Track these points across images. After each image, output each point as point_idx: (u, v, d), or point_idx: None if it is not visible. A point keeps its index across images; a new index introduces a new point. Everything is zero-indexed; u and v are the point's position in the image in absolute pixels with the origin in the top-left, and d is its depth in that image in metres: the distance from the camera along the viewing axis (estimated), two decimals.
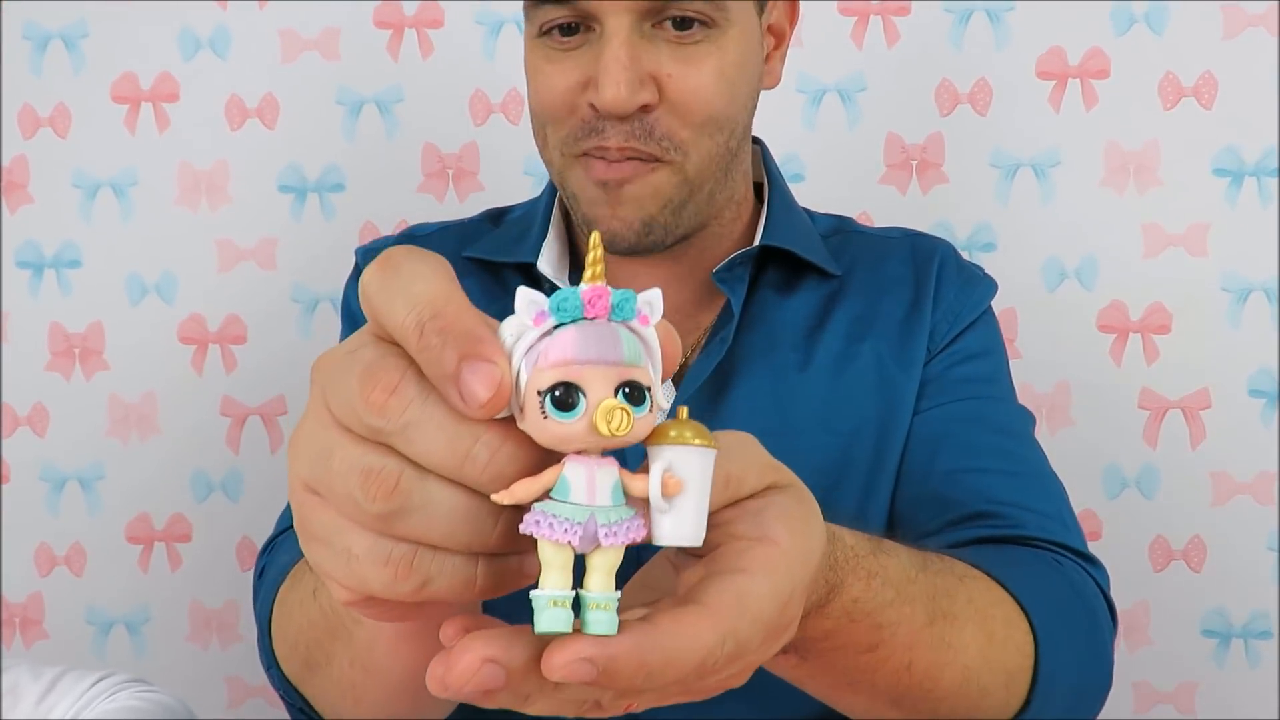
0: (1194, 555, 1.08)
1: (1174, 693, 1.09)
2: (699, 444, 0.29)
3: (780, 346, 0.68)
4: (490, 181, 1.11)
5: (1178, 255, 1.07)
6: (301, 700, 0.54)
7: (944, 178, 1.09)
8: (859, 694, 0.45)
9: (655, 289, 0.28)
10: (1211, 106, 1.06)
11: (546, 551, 0.27)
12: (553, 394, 0.26)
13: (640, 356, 0.27)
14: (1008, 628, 0.49)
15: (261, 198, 1.11)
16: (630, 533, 0.28)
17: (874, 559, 0.40)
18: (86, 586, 1.12)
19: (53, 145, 1.12)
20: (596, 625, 0.27)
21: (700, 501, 0.29)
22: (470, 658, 0.26)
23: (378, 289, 0.27)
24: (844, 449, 0.66)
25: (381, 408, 0.26)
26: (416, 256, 0.28)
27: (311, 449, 0.28)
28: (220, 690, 1.12)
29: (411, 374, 0.26)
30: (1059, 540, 0.61)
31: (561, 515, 0.27)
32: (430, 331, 0.26)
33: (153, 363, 1.12)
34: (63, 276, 1.12)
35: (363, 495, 0.26)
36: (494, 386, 0.25)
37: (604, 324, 0.27)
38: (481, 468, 0.26)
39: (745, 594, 0.29)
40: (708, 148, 0.64)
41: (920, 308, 0.70)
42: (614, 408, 0.26)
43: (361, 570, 0.27)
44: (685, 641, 0.27)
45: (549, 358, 0.26)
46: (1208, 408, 1.08)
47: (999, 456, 0.65)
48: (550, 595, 0.27)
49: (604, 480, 0.27)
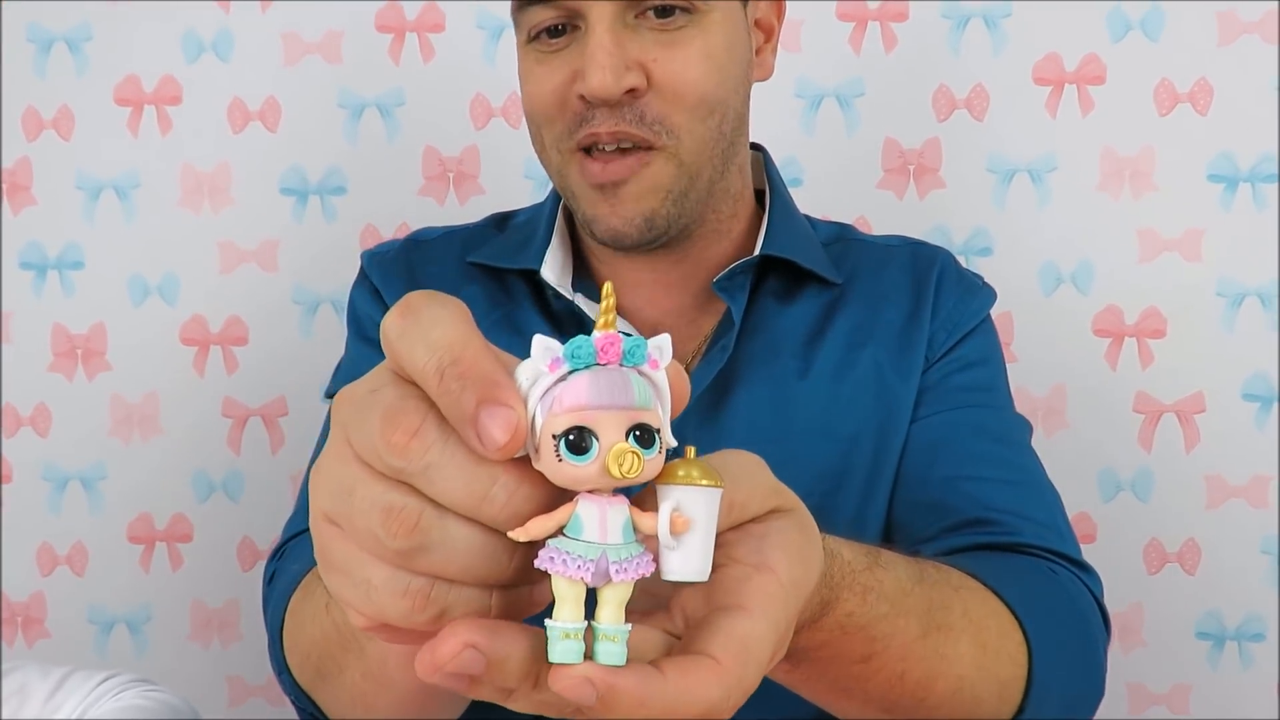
0: (1188, 558, 1.09)
1: (1168, 694, 1.10)
2: (705, 484, 0.30)
3: (781, 354, 0.69)
4: (491, 185, 1.12)
5: (1173, 260, 1.08)
6: (313, 706, 0.55)
7: (941, 183, 1.10)
8: (851, 700, 0.45)
9: (665, 335, 0.29)
10: (1207, 112, 1.07)
11: (560, 586, 0.28)
12: (567, 438, 0.27)
13: (650, 400, 0.29)
14: (1001, 638, 0.50)
15: (263, 200, 1.12)
16: (640, 568, 0.29)
17: (870, 574, 0.41)
18: (88, 586, 1.13)
19: (56, 147, 1.12)
20: (606, 656, 0.28)
21: (707, 539, 0.30)
22: (454, 641, 0.27)
23: (398, 335, 0.28)
24: (843, 455, 0.67)
25: (403, 450, 0.27)
26: (436, 302, 0.29)
27: (333, 483, 0.29)
28: (222, 689, 1.13)
29: (432, 417, 0.28)
30: (1054, 548, 0.62)
31: (575, 553, 0.28)
32: (450, 377, 0.27)
33: (155, 363, 1.13)
34: (65, 278, 1.13)
35: (384, 532, 0.27)
36: (511, 430, 0.27)
37: (616, 370, 0.28)
38: (499, 508, 0.28)
39: (749, 641, 0.30)
40: (701, 132, 0.65)
41: (919, 316, 0.71)
42: (625, 451, 0.27)
43: (380, 600, 0.28)
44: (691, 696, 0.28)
45: (563, 403, 0.28)
46: (1202, 412, 1.09)
47: (996, 465, 0.66)
48: (563, 628, 0.28)
49: (615, 519, 0.29)
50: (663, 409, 0.29)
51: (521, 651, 0.28)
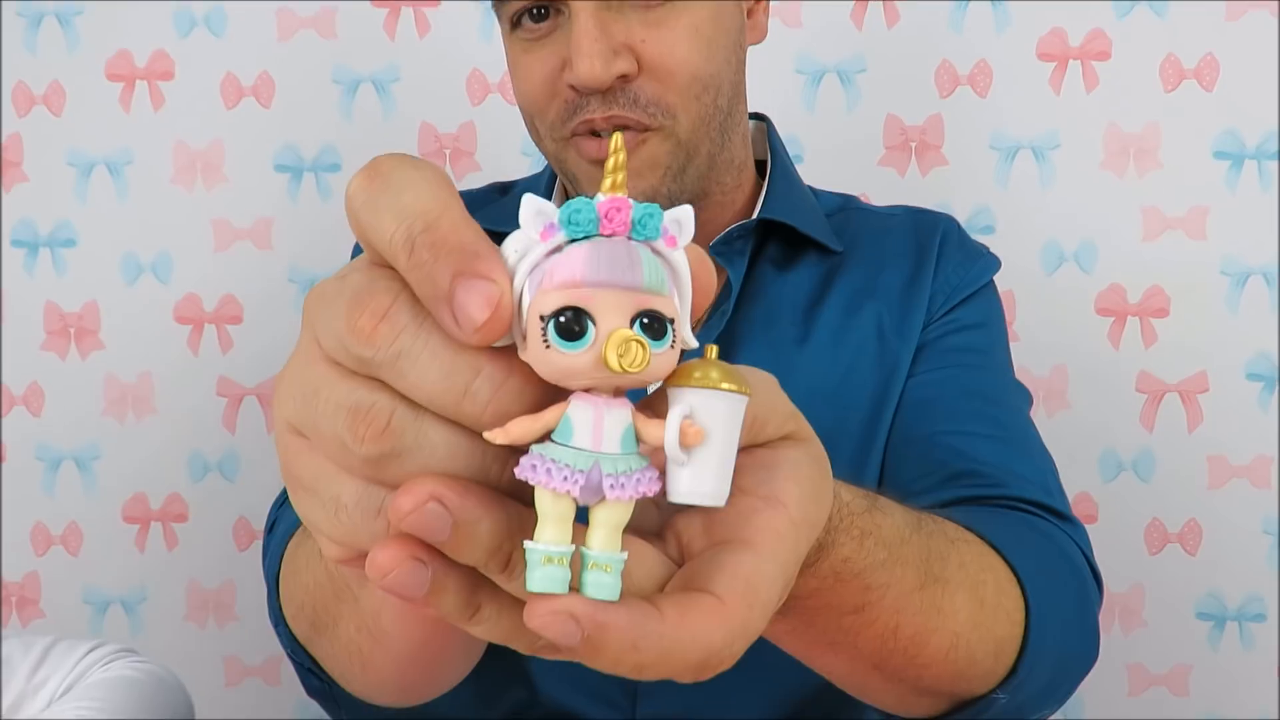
0: (1190, 538, 1.09)
1: (1168, 675, 1.09)
2: (728, 388, 0.25)
3: (779, 321, 0.68)
4: (487, 162, 1.10)
5: (1177, 239, 1.07)
6: (310, 660, 0.53)
7: (943, 160, 1.09)
8: (839, 655, 0.43)
9: (686, 207, 0.25)
10: (1213, 89, 1.06)
11: (544, 501, 0.24)
12: (557, 319, 0.23)
13: (663, 283, 0.24)
14: (999, 595, 0.48)
15: (257, 177, 1.11)
16: (641, 485, 0.24)
17: (868, 517, 0.38)
18: (83, 566, 1.12)
19: (47, 123, 1.11)
20: (595, 588, 0.24)
21: (725, 455, 0.25)
22: (418, 492, 0.23)
23: (363, 202, 0.24)
24: (840, 420, 0.66)
25: (370, 335, 0.23)
26: (408, 164, 0.25)
27: (297, 387, 0.25)
28: (218, 670, 1.12)
29: (405, 298, 0.24)
30: (1041, 501, 0.60)
31: (562, 460, 0.23)
32: (421, 246, 0.23)
33: (149, 343, 1.12)
34: (58, 255, 1.12)
35: (351, 436, 0.24)
36: (491, 306, 0.23)
37: (622, 242, 0.23)
38: (483, 405, 0.23)
39: (756, 582, 0.26)
40: (696, 110, 0.63)
41: (920, 278, 0.70)
42: (628, 339, 0.23)
43: (351, 522, 0.25)
44: (690, 637, 0.25)
45: (555, 278, 0.23)
46: (1205, 391, 1.08)
47: (984, 421, 0.65)
48: (545, 550, 0.23)
49: (613, 423, 0.24)
50: (679, 299, 0.25)
51: (494, 519, 0.24)
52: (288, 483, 0.27)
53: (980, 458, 0.62)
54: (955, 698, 0.49)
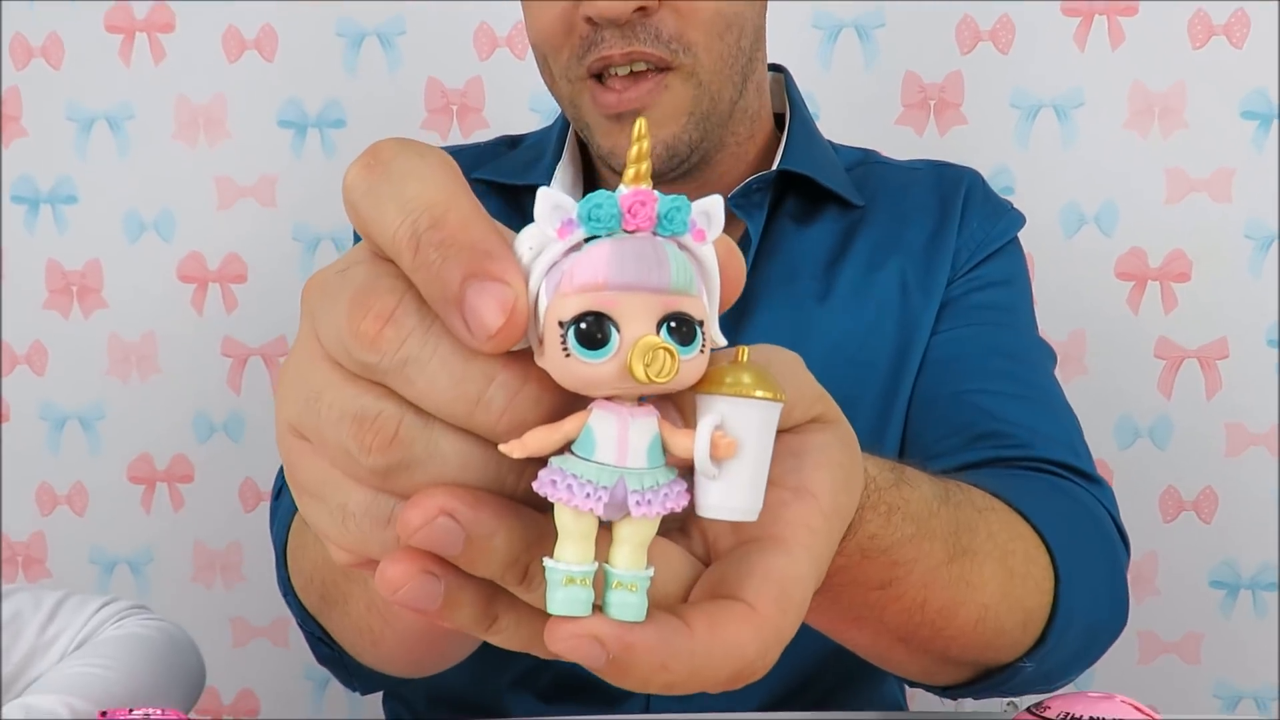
0: (1205, 506, 1.07)
1: (1180, 643, 1.08)
2: (762, 396, 0.23)
3: (799, 277, 0.66)
4: (495, 117, 1.08)
5: (1201, 201, 1.04)
6: (320, 630, 0.52)
7: (962, 118, 1.06)
8: (864, 630, 0.42)
9: (715, 197, 0.23)
10: (1243, 45, 1.03)
11: (564, 518, 0.22)
12: (578, 326, 0.21)
13: (692, 282, 0.22)
14: (1028, 564, 0.47)
15: (261, 133, 1.09)
16: (669, 501, 0.22)
17: (895, 491, 0.36)
18: (89, 526, 1.12)
19: (46, 76, 1.09)
20: (620, 609, 0.22)
21: (759, 466, 0.23)
22: (427, 505, 0.22)
23: (363, 193, 0.23)
24: (862, 378, 0.64)
25: (374, 341, 0.22)
26: (411, 150, 0.23)
27: (298, 389, 0.24)
28: (225, 631, 1.12)
29: (411, 299, 0.22)
30: (1068, 462, 0.59)
31: (584, 476, 0.22)
32: (428, 244, 0.21)
33: (152, 301, 1.10)
34: (59, 212, 1.10)
35: (356, 447, 0.22)
36: (506, 311, 0.21)
37: (647, 239, 0.22)
38: (497, 414, 0.22)
39: (789, 584, 0.25)
40: (720, 49, 0.61)
41: (944, 234, 0.68)
42: (655, 347, 0.21)
43: (360, 531, 0.23)
44: (722, 651, 0.23)
45: (575, 280, 0.21)
46: (1225, 358, 1.06)
47: (1009, 380, 0.63)
48: (566, 570, 0.22)
49: (639, 435, 0.22)
50: (708, 296, 0.23)
51: (510, 531, 0.23)
52: (292, 487, 0.25)
53: (1006, 418, 0.60)
54: (981, 667, 0.48)
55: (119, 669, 0.57)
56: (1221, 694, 1.09)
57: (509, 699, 0.66)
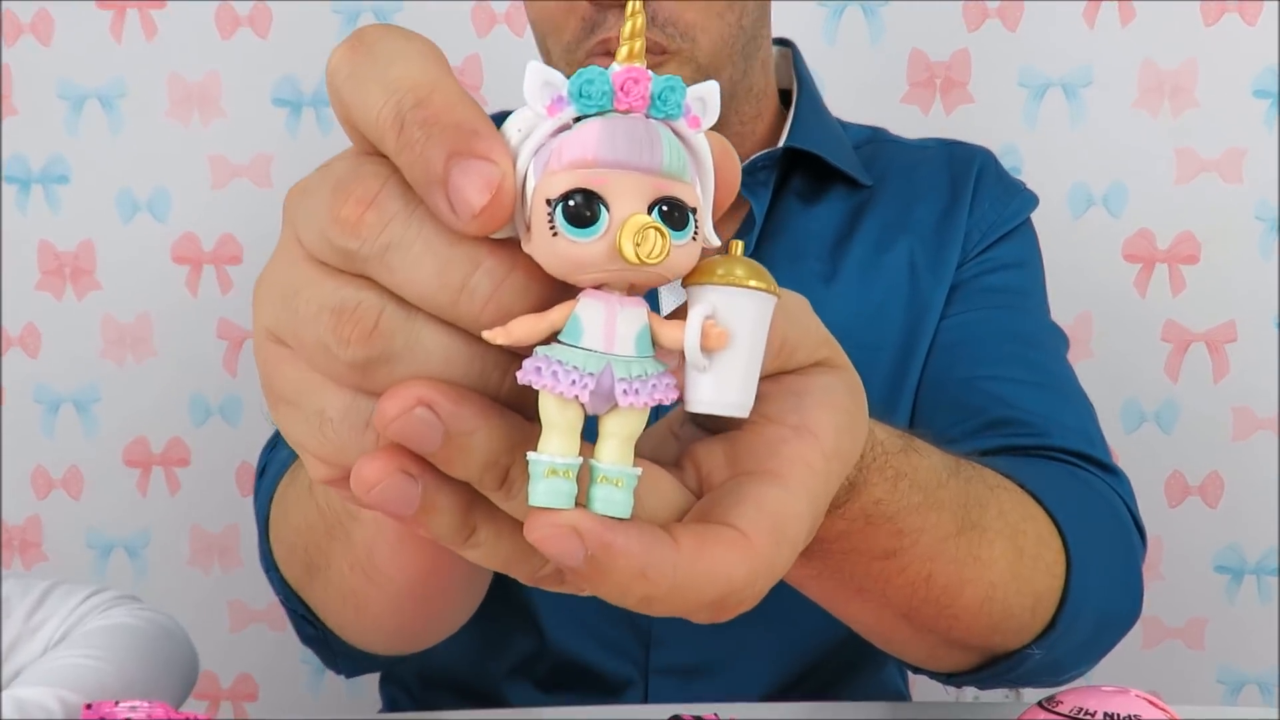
0: (1210, 491, 1.06)
1: (1184, 628, 1.08)
2: (755, 286, 0.22)
3: (805, 257, 0.65)
4: (494, 96, 1.06)
5: (1211, 182, 1.03)
6: (304, 607, 0.51)
7: (969, 97, 1.04)
8: (867, 603, 0.41)
9: (711, 82, 0.22)
10: (1256, 22, 1.01)
11: (549, 408, 0.21)
12: (566, 204, 0.20)
13: (685, 168, 0.21)
14: (1039, 545, 0.45)
15: (255, 111, 1.07)
16: (657, 392, 0.21)
17: (903, 457, 0.35)
18: (85, 509, 1.11)
19: (35, 53, 1.07)
20: (605, 504, 0.21)
21: (751, 360, 0.23)
22: (404, 395, 0.21)
23: (346, 76, 0.21)
24: (869, 361, 0.63)
25: (355, 225, 0.21)
26: (396, 34, 0.22)
27: (276, 290, 0.23)
28: (223, 614, 1.12)
29: (394, 183, 0.21)
30: (1084, 452, 0.57)
31: (569, 363, 0.21)
32: (412, 124, 0.20)
33: (146, 283, 1.09)
34: (51, 192, 1.08)
35: (335, 339, 0.21)
36: (491, 190, 0.20)
37: (640, 120, 0.21)
38: (482, 302, 0.21)
39: (783, 518, 0.24)
40: (719, 29, 0.59)
41: (955, 214, 0.66)
42: (646, 226, 0.20)
43: (338, 437, 0.22)
44: (708, 570, 0.22)
45: (564, 157, 0.20)
46: (1233, 341, 1.04)
47: (1022, 366, 0.62)
48: (549, 462, 0.21)
49: (628, 323, 0.21)
50: (702, 188, 0.22)
51: (492, 429, 0.22)
52: (268, 396, 0.24)
53: (1020, 405, 0.59)
54: (987, 652, 0.47)
55: (110, 660, 0.56)
56: (1225, 679, 1.08)
57: (506, 687, 0.65)
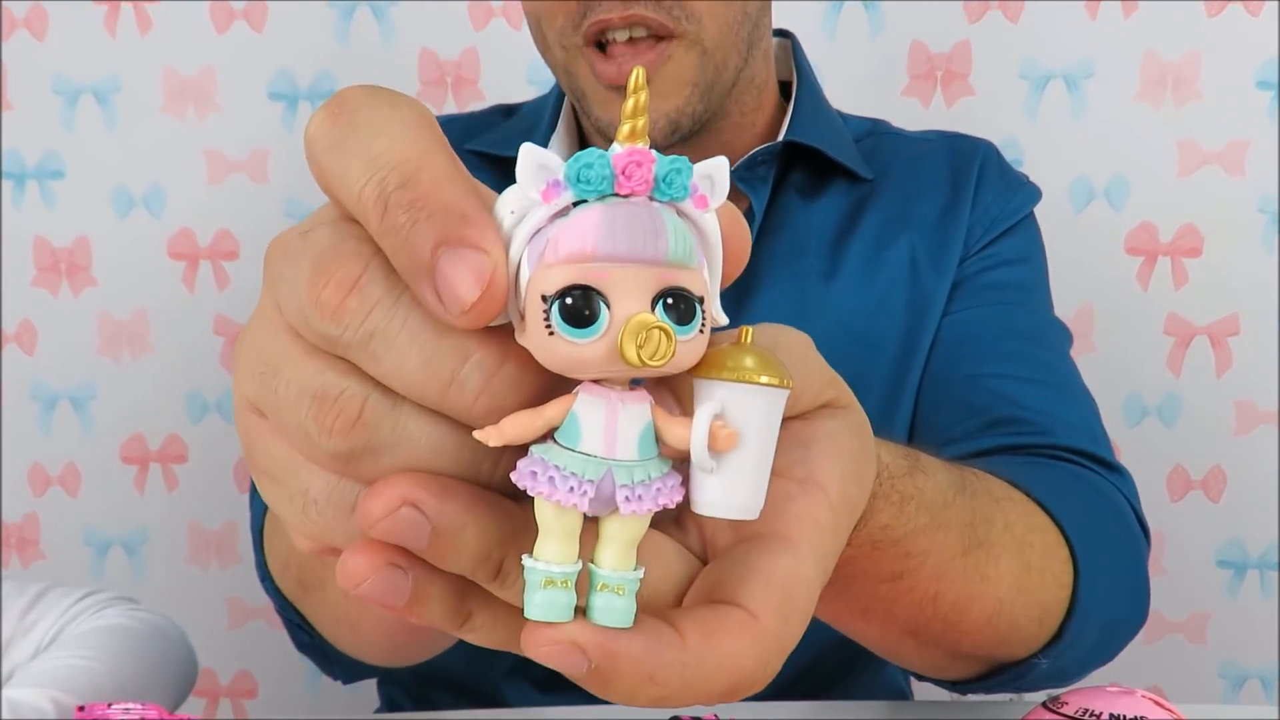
0: (1213, 485, 1.06)
1: (1185, 623, 1.07)
2: (766, 382, 0.21)
3: (806, 253, 0.64)
4: (492, 90, 1.05)
5: (1214, 174, 1.02)
6: (299, 617, 0.51)
7: (970, 90, 1.03)
8: (872, 623, 0.41)
9: (719, 158, 0.21)
10: (1259, 14, 1.00)
11: (546, 514, 0.20)
12: (563, 301, 0.19)
13: (691, 254, 0.20)
14: (1046, 557, 0.45)
15: (251, 106, 1.06)
16: (661, 496, 0.20)
17: (909, 480, 0.34)
18: (82, 507, 1.10)
19: (30, 48, 1.06)
20: (605, 614, 0.20)
21: (761, 461, 0.21)
22: (388, 495, 0.20)
23: (326, 146, 0.20)
24: (869, 360, 0.62)
25: (336, 311, 0.20)
26: (380, 99, 0.21)
27: (256, 362, 0.22)
28: (221, 611, 1.11)
29: (378, 265, 0.20)
30: (1087, 450, 0.57)
31: (568, 468, 0.20)
32: (397, 206, 0.19)
33: (142, 279, 1.08)
34: (46, 188, 1.07)
35: (316, 428, 0.20)
36: (482, 283, 0.19)
37: (643, 205, 0.19)
38: (473, 396, 0.20)
39: (793, 586, 0.23)
40: (725, 15, 0.58)
41: (958, 208, 0.65)
42: (649, 326, 0.19)
43: (322, 519, 0.21)
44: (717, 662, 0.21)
45: (561, 249, 0.19)
46: (1236, 334, 1.04)
47: (1027, 364, 0.61)
48: (546, 571, 0.20)
49: (630, 423, 0.20)
50: (709, 271, 0.21)
51: (482, 524, 0.21)
52: (251, 469, 0.23)
53: (1024, 403, 0.58)
54: (993, 662, 0.46)
55: (104, 661, 0.55)
56: (1227, 674, 1.08)
57: (505, 687, 0.65)
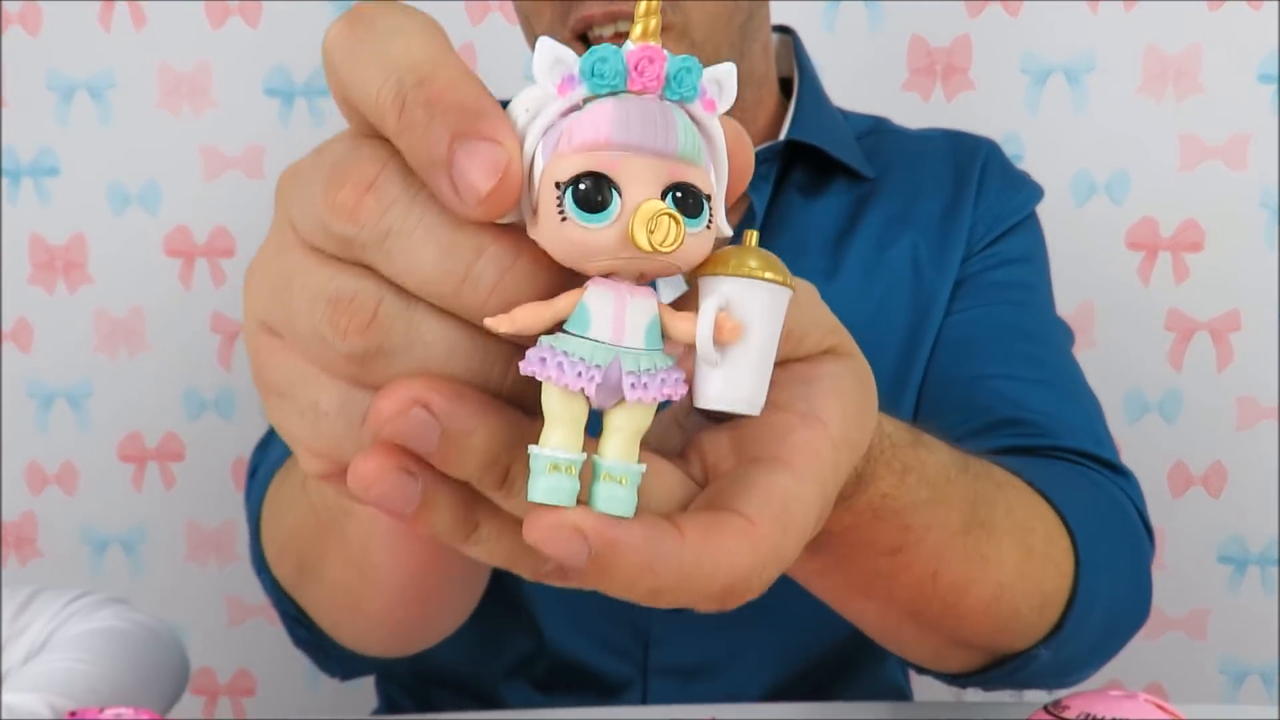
0: (1214, 481, 1.06)
1: (1186, 619, 1.07)
2: (770, 278, 0.22)
3: (807, 253, 0.64)
4: (489, 84, 1.03)
5: (1216, 168, 1.02)
6: (296, 610, 0.50)
7: (970, 84, 1.03)
8: (871, 600, 0.41)
9: (728, 64, 0.21)
10: (1260, 7, 0.99)
11: (553, 401, 0.20)
12: (576, 187, 0.19)
13: (699, 153, 0.20)
14: (1048, 544, 0.45)
15: (247, 102, 1.05)
16: (665, 387, 0.21)
17: (912, 451, 0.34)
18: (80, 505, 1.10)
19: (24, 44, 1.05)
20: (607, 502, 0.21)
21: (764, 355, 0.22)
22: (399, 396, 0.20)
23: (345, 53, 0.21)
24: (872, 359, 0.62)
25: (353, 211, 0.20)
26: (396, 9, 0.21)
27: (268, 278, 0.22)
28: (220, 610, 1.11)
29: (394, 166, 0.20)
30: (1091, 452, 0.57)
31: (575, 354, 0.20)
32: (414, 103, 0.19)
33: (138, 276, 1.07)
34: (41, 185, 1.07)
35: (331, 330, 0.20)
36: (497, 173, 0.19)
37: (654, 101, 0.20)
38: (486, 291, 0.20)
39: (791, 505, 0.23)
40: (713, 7, 0.57)
41: (960, 207, 0.65)
42: (659, 212, 0.19)
43: (333, 431, 0.21)
44: (714, 560, 0.22)
45: (575, 139, 0.20)
46: (1237, 330, 1.03)
47: (1029, 364, 0.61)
48: (551, 456, 0.20)
49: (637, 314, 0.20)
50: (716, 174, 0.21)
51: (490, 428, 0.21)
52: (260, 388, 0.23)
53: (1027, 404, 0.58)
54: (993, 652, 0.46)
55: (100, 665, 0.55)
56: (1227, 670, 1.08)
57: (504, 688, 0.64)
